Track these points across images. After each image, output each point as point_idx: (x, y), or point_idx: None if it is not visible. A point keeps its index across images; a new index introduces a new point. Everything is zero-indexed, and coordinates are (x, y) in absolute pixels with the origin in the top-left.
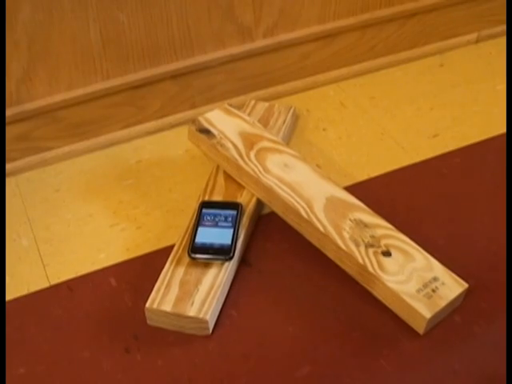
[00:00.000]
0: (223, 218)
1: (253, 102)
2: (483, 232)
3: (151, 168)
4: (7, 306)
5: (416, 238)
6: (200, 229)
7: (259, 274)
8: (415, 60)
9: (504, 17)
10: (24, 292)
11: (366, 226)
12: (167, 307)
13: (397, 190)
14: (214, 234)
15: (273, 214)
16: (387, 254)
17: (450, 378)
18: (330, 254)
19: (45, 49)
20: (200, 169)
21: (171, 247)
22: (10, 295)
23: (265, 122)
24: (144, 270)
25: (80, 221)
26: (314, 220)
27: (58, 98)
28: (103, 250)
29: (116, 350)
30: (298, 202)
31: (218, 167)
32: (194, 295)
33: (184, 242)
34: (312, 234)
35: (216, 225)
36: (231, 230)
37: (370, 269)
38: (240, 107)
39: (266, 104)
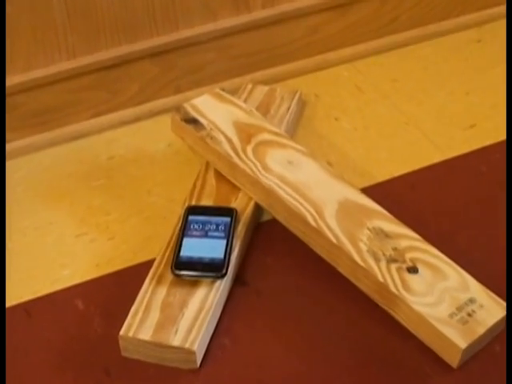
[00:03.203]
0: (214, 227)
1: (250, 86)
2: None
3: (127, 165)
4: None
5: (448, 250)
6: (186, 240)
7: (257, 295)
8: (447, 34)
9: None
10: None
11: (387, 236)
12: (146, 335)
13: (425, 193)
14: (202, 246)
15: (274, 222)
16: (413, 270)
17: None
18: (344, 271)
19: None
20: (186, 167)
21: (151, 262)
22: None
23: (264, 109)
24: (117, 289)
25: (39, 229)
26: (325, 229)
27: (14, 80)
28: (67, 266)
29: None
30: (304, 207)
31: (207, 165)
32: (178, 321)
33: (166, 256)
34: (321, 246)
35: (205, 235)
36: (224, 242)
37: (393, 288)
38: (234, 92)
39: (266, 88)
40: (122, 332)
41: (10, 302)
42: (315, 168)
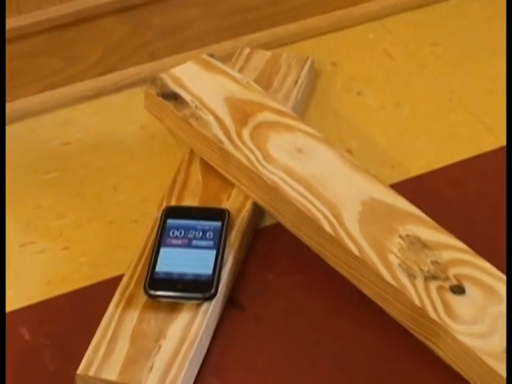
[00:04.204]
0: (200, 234)
1: (247, 51)
2: None
3: (86, 154)
4: None
5: (503, 264)
6: (164, 251)
7: (256, 322)
8: None
9: None
10: None
11: (425, 246)
12: (111, 374)
13: (474, 190)
14: (185, 259)
15: (278, 228)
16: (459, 289)
17: None
18: (368, 290)
19: None
20: (163, 156)
21: (118, 279)
22: None
23: (266, 81)
24: (74, 315)
25: None
26: (344, 236)
27: None
28: (10, 285)
29: None
30: (317, 209)
31: (191, 154)
32: (153, 355)
33: (138, 272)
34: (339, 259)
35: (189, 244)
36: (213, 253)
37: (432, 314)
38: (227, 59)
39: (268, 53)
40: (79, 370)
41: None
42: (332, 157)
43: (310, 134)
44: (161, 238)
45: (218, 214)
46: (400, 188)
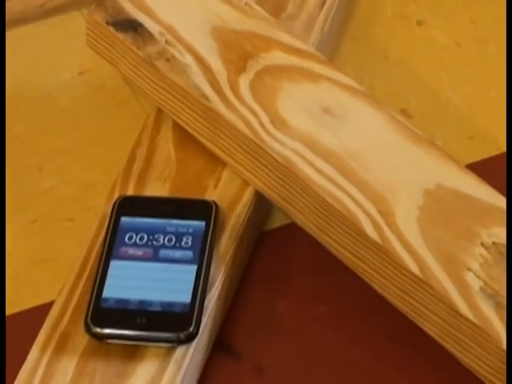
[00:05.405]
0: (172, 240)
1: None
2: None
3: None
4: None
5: None
6: (116, 265)
7: (257, 375)
8: None
9: None
10: None
11: None
12: None
13: None
14: (149, 279)
15: (292, 231)
16: None
17: None
18: (432, 328)
19: None
20: (115, 118)
21: (44, 309)
22: None
23: (276, 3)
24: None
25: None
26: (395, 245)
27: None
28: None
29: None
30: (355, 201)
31: (158, 115)
32: None
33: (75, 299)
34: (388, 279)
35: (155, 256)
36: (192, 270)
37: None
38: None
39: None
40: None
41: None
42: (378, 122)
43: (344, 85)
44: (111, 247)
45: (201, 210)
46: (483, 169)
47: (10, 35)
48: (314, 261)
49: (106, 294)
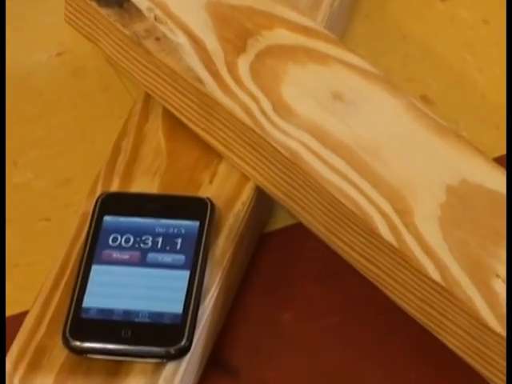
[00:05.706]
0: (162, 243)
1: None
2: None
3: None
4: None
5: None
6: (98, 271)
7: None
8: None
9: None
10: None
11: None
12: None
13: None
14: (135, 287)
15: (298, 232)
16: None
17: None
18: (457, 344)
19: None
20: (98, 104)
21: (17, 320)
22: None
23: None
24: None
25: None
26: (414, 248)
27: None
28: None
29: None
30: (368, 199)
31: (147, 101)
32: None
33: (52, 309)
34: (406, 287)
35: (142, 260)
36: (184, 276)
37: None
38: None
39: None
40: None
41: None
42: (395, 110)
43: (356, 67)
44: (93, 250)
45: (194, 208)
46: None
47: None
48: (322, 266)
49: (86, 303)
